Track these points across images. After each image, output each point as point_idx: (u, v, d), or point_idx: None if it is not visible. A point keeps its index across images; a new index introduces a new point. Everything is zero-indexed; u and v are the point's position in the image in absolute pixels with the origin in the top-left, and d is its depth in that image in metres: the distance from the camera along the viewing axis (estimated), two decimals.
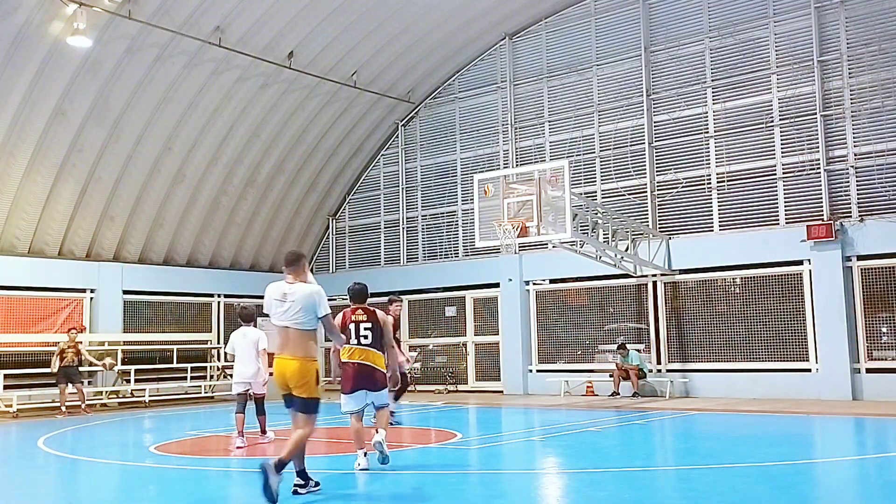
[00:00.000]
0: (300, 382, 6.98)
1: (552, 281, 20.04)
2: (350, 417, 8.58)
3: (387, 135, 23.44)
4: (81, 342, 17.33)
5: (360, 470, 8.32)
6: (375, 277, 22.89)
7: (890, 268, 15.84)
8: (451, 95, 22.39)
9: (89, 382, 18.83)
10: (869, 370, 15.81)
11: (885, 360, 15.81)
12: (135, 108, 18.27)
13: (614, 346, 18.32)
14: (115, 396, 18.98)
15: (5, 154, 17.10)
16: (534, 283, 20.22)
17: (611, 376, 17.82)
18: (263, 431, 11.34)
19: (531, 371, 19.91)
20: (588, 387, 18.57)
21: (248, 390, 11.14)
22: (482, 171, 20.07)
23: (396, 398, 11.94)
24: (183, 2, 16.75)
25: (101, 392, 18.73)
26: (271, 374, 7.57)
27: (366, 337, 8.45)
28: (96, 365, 17.64)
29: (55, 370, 16.65)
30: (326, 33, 19.16)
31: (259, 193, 22.10)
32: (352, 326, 8.48)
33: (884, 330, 15.95)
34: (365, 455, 8.43)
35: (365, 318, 8.51)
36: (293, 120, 21.19)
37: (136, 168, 19.25)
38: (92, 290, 19.41)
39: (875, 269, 15.98)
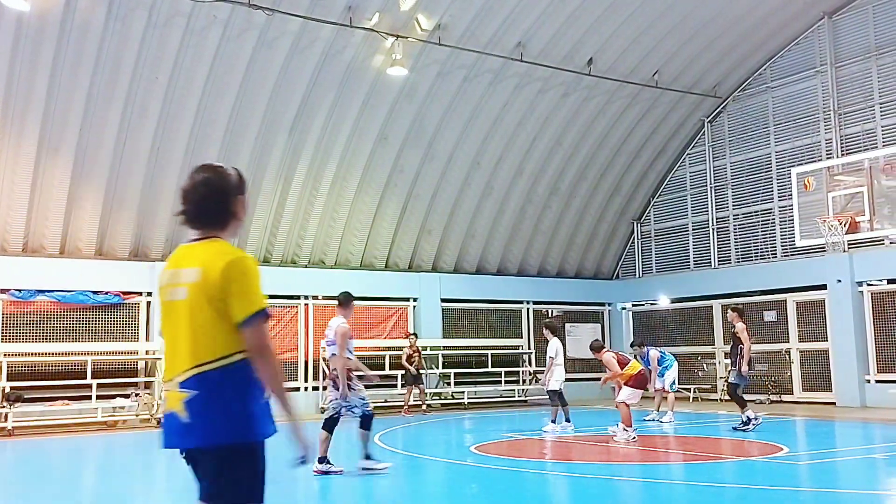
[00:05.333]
0: None
1: (890, 281, 17.88)
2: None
3: (692, 133, 22.58)
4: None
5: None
6: (685, 281, 22.16)
7: None
8: (762, 86, 20.97)
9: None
10: None
11: None
12: (446, 128, 19.49)
13: None
14: (437, 398, 20.32)
15: (339, 178, 19.14)
16: (868, 284, 18.18)
17: None
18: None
19: (868, 381, 17.89)
20: None
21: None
22: (801, 164, 18.65)
23: None
24: (487, 22, 17.56)
25: (426, 393, 20.14)
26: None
27: None
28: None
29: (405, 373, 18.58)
30: (625, 36, 18.96)
31: (563, 201, 22.41)
32: None
33: None
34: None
35: None
36: (594, 126, 21.23)
37: (448, 184, 20.52)
38: (415, 299, 20.99)
39: None
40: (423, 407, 18.45)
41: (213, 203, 3.48)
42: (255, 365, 3.32)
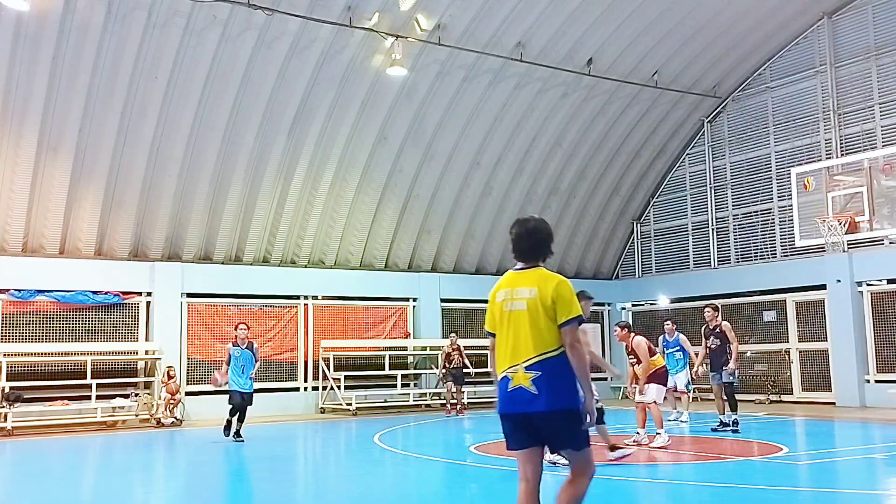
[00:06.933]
0: None
1: (890, 281, 17.89)
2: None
3: (691, 133, 22.58)
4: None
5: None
6: (685, 281, 22.16)
7: None
8: (761, 86, 20.97)
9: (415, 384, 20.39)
10: None
11: None
12: (446, 128, 19.48)
13: None
14: (438, 398, 20.29)
15: (339, 178, 19.14)
16: (867, 284, 18.19)
17: None
18: None
19: (868, 381, 17.90)
20: None
21: None
22: (800, 164, 18.65)
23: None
24: (487, 22, 17.56)
25: (425, 394, 20.14)
26: None
27: None
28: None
29: (442, 372, 18.49)
30: (625, 36, 18.95)
31: (562, 201, 22.41)
32: None
33: None
34: None
35: None
36: (593, 126, 21.23)
37: (448, 184, 20.51)
38: (414, 299, 20.98)
39: None
40: (458, 406, 18.12)
41: (540, 245, 5.10)
42: (568, 354, 4.74)
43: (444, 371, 18.41)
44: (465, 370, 18.26)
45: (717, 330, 13.01)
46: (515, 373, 4.80)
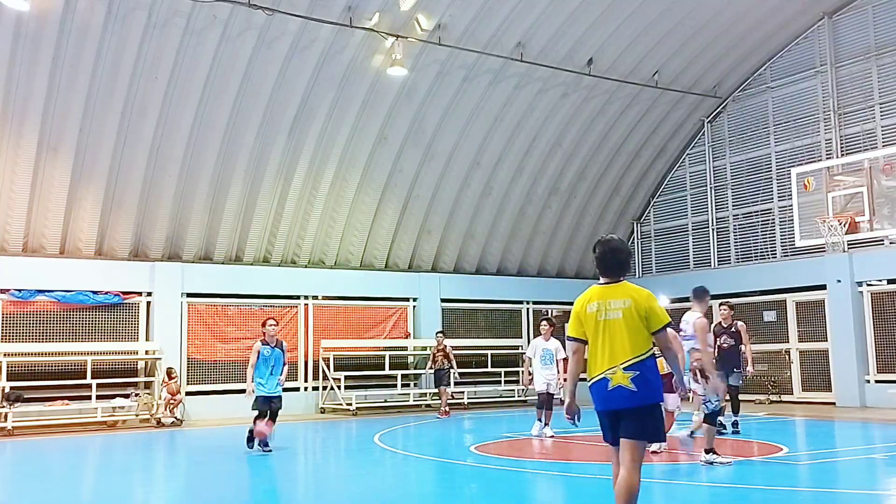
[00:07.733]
0: None
1: (890, 281, 17.88)
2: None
3: (692, 133, 22.58)
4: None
5: None
6: (685, 281, 22.12)
7: None
8: (762, 86, 20.96)
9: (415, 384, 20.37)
10: None
11: None
12: (446, 128, 19.48)
13: None
14: (437, 398, 20.28)
15: (339, 178, 19.13)
16: (868, 284, 18.18)
17: None
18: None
19: (868, 381, 17.89)
20: None
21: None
22: (800, 164, 18.67)
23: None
24: (487, 22, 17.56)
25: (425, 394, 20.12)
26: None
27: None
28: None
29: (431, 373, 18.37)
30: (625, 36, 18.95)
31: (562, 201, 22.41)
32: None
33: None
34: None
35: None
36: (594, 126, 21.22)
37: (448, 184, 20.51)
38: (415, 299, 20.97)
39: None
40: (443, 409, 17.89)
41: (623, 263, 5.65)
42: (665, 356, 5.68)
43: (430, 373, 18.36)
44: (449, 370, 18.11)
45: (732, 329, 12.87)
46: (614, 374, 5.39)
